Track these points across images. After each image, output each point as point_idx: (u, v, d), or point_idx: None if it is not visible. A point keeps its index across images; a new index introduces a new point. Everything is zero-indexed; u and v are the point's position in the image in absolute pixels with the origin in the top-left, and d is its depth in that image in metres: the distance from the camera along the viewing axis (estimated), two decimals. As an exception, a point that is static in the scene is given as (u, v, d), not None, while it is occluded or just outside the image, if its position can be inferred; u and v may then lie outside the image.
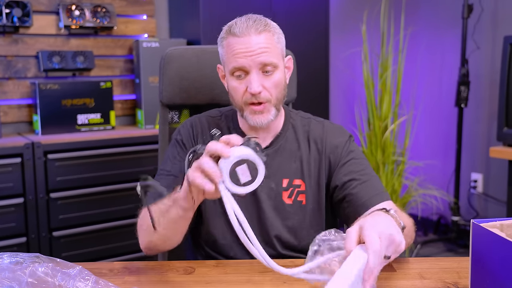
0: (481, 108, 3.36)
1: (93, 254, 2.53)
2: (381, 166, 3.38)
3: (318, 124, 1.39)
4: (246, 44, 1.23)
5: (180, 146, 1.35)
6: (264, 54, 1.23)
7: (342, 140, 1.36)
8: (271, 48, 1.24)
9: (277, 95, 1.28)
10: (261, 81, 1.24)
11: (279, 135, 1.36)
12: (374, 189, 1.28)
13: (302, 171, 1.34)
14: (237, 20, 1.26)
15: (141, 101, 2.86)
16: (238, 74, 1.25)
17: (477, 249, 0.92)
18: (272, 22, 1.29)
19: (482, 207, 3.42)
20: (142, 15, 3.07)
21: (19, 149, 2.33)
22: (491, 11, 3.25)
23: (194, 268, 1.19)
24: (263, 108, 1.26)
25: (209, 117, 1.41)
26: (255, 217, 1.32)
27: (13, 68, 2.72)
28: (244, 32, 1.23)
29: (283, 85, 1.30)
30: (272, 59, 1.24)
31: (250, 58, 1.22)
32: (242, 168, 0.96)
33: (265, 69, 1.24)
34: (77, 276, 0.97)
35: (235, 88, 1.27)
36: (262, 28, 1.24)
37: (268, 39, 1.24)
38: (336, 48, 3.68)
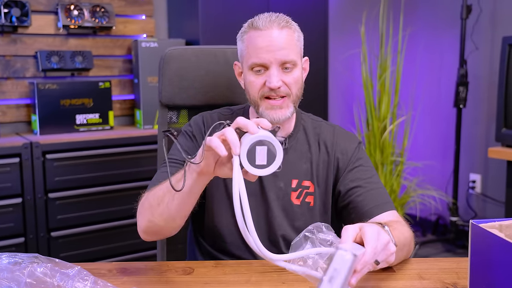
0: (479, 109, 3.37)
1: (91, 254, 2.53)
2: (380, 167, 3.38)
3: (329, 128, 1.39)
4: (268, 38, 1.24)
5: (190, 138, 1.35)
6: (285, 50, 1.24)
7: (352, 146, 1.36)
8: (291, 45, 1.26)
9: (296, 92, 1.28)
10: (280, 77, 1.24)
11: (291, 136, 1.36)
12: (379, 198, 1.28)
13: (311, 172, 1.34)
14: (260, 15, 1.28)
15: (139, 101, 2.86)
16: (258, 70, 1.26)
17: (476, 250, 0.92)
18: (293, 21, 1.31)
19: (480, 207, 3.43)
20: (141, 15, 3.07)
21: (18, 149, 2.33)
22: (489, 12, 3.26)
23: (193, 268, 1.18)
24: (282, 102, 1.26)
25: (221, 114, 1.40)
26: (263, 215, 1.32)
27: (11, 68, 2.72)
28: (267, 25, 1.25)
29: (301, 83, 1.31)
30: (292, 57, 1.25)
31: (271, 53, 1.23)
32: (262, 150, 0.96)
33: (285, 66, 1.25)
34: (75, 276, 0.97)
35: (252, 82, 1.27)
36: (284, 23, 1.27)
37: (289, 36, 1.26)
38: (335, 49, 3.68)
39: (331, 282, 0.82)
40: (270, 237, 1.32)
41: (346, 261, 0.83)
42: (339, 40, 3.73)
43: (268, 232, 1.32)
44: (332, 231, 0.98)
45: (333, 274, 0.82)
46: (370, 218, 1.25)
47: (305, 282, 1.10)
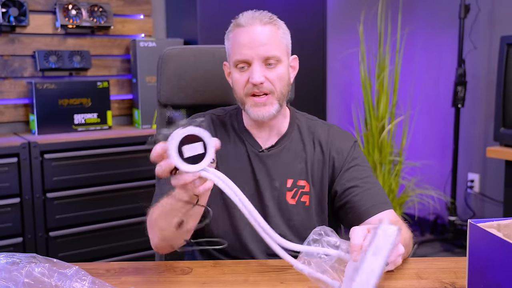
0: (478, 108, 3.37)
1: (90, 254, 2.53)
2: (378, 166, 3.38)
3: (324, 127, 1.39)
4: (250, 34, 1.24)
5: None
6: (267, 46, 1.24)
7: (348, 145, 1.35)
8: (275, 41, 1.26)
9: (281, 89, 1.28)
10: (263, 72, 1.24)
11: (285, 135, 1.36)
12: (376, 198, 1.28)
13: (306, 172, 1.34)
14: (244, 13, 1.29)
15: (138, 101, 2.86)
16: (242, 66, 1.26)
17: (474, 249, 0.92)
18: (278, 19, 1.31)
19: (478, 207, 3.43)
20: (139, 15, 3.07)
21: (16, 149, 2.32)
22: (488, 11, 3.26)
23: (191, 268, 1.18)
24: (266, 99, 1.26)
25: (214, 115, 1.41)
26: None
27: (9, 68, 2.71)
28: (249, 22, 1.25)
29: (287, 80, 1.30)
30: (275, 52, 1.25)
31: (253, 49, 1.23)
32: (192, 147, 0.91)
33: (268, 62, 1.25)
34: (73, 276, 0.97)
35: (237, 80, 1.28)
36: (267, 20, 1.27)
37: (272, 32, 1.26)
38: (333, 49, 3.68)
39: (376, 255, 0.81)
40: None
41: (391, 234, 0.82)
42: (338, 39, 3.73)
43: None
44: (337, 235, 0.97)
45: (377, 248, 0.81)
46: (367, 218, 1.25)
47: (304, 281, 1.10)
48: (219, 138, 1.35)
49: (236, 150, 1.35)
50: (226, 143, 1.36)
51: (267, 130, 1.35)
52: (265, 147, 1.35)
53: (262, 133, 1.35)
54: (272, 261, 1.23)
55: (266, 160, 1.34)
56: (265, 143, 1.35)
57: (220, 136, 1.36)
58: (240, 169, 1.32)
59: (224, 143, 1.35)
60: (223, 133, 1.37)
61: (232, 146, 1.36)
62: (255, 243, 1.32)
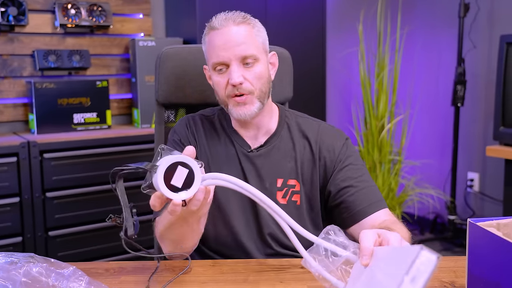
0: (477, 107, 3.37)
1: (89, 253, 2.53)
2: (378, 165, 3.38)
3: (314, 124, 1.38)
4: (225, 36, 1.24)
5: (179, 145, 1.35)
6: (242, 46, 1.23)
7: (339, 143, 1.34)
8: (250, 40, 1.25)
9: (260, 87, 1.27)
10: (241, 72, 1.24)
11: (274, 134, 1.35)
12: (371, 197, 1.27)
13: (296, 171, 1.33)
14: (217, 15, 1.29)
15: (137, 100, 2.86)
16: (220, 68, 1.26)
17: (473, 249, 0.92)
18: (252, 17, 1.31)
19: (478, 206, 3.43)
20: (138, 14, 3.06)
21: (15, 148, 2.32)
22: (487, 10, 3.26)
23: (190, 267, 1.18)
24: (245, 99, 1.26)
25: (203, 116, 1.41)
26: (251, 217, 1.32)
27: (8, 67, 2.71)
28: (223, 23, 1.25)
29: (266, 78, 1.29)
30: (251, 51, 1.25)
31: (229, 50, 1.23)
32: (178, 174, 0.93)
33: (246, 61, 1.25)
34: (70, 276, 0.97)
35: (218, 82, 1.28)
36: (240, 19, 1.26)
37: (247, 31, 1.26)
38: (333, 48, 3.68)
39: (413, 282, 0.77)
40: (260, 237, 1.32)
41: (431, 262, 0.78)
42: (337, 38, 3.73)
43: (258, 232, 1.32)
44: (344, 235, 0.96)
45: (416, 274, 0.78)
46: (363, 218, 1.25)
47: (303, 281, 1.10)
48: (209, 138, 1.36)
49: (226, 150, 1.35)
50: (216, 143, 1.35)
51: (255, 129, 1.34)
52: (254, 147, 1.34)
53: (249, 132, 1.35)
54: (271, 260, 1.23)
55: (255, 160, 1.33)
56: (254, 143, 1.35)
57: (210, 137, 1.36)
58: (230, 170, 1.31)
59: (214, 143, 1.35)
60: (213, 134, 1.37)
61: (222, 147, 1.36)
62: (251, 242, 1.31)
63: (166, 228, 1.16)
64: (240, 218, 1.31)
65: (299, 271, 1.15)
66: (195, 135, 1.36)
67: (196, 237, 1.19)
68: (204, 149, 1.35)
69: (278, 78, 1.59)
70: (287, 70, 1.62)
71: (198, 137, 1.36)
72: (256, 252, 1.32)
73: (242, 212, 1.32)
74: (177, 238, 1.18)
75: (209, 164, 1.33)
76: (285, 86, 1.62)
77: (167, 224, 1.15)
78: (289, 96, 1.64)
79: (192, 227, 1.14)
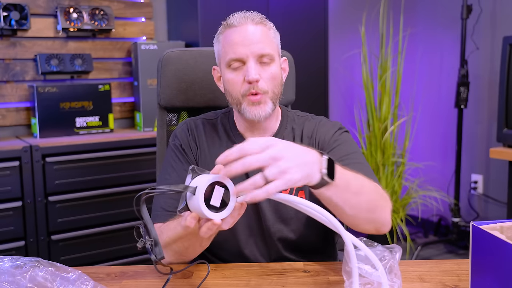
0: (480, 109, 3.36)
1: (92, 257, 2.52)
2: (381, 168, 3.37)
3: (313, 121, 1.37)
4: (243, 33, 1.23)
5: (180, 151, 1.34)
6: (260, 44, 1.23)
7: (331, 131, 1.33)
8: (267, 40, 1.26)
9: (274, 89, 1.26)
10: (258, 70, 1.23)
11: (276, 135, 1.34)
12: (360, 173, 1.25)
13: None
14: (234, 14, 1.28)
15: (139, 103, 2.86)
16: (236, 66, 1.25)
17: (477, 252, 0.91)
18: (268, 20, 1.31)
19: (482, 208, 3.42)
20: (141, 18, 3.07)
21: (17, 153, 2.33)
22: (490, 12, 3.25)
23: (192, 272, 1.18)
24: (260, 98, 1.24)
25: (205, 120, 1.39)
26: (255, 220, 1.31)
27: (11, 71, 2.71)
28: (241, 21, 1.25)
29: (280, 80, 1.29)
30: (269, 50, 1.24)
31: (247, 47, 1.22)
32: (215, 194, 0.94)
33: (262, 60, 1.24)
34: (76, 281, 0.97)
35: (232, 80, 1.26)
36: (258, 20, 1.26)
37: (264, 32, 1.26)
38: (335, 50, 3.68)
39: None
40: (267, 241, 1.31)
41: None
42: (339, 40, 3.72)
43: (264, 236, 1.31)
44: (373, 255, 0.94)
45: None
46: None
47: (305, 285, 1.09)
48: (210, 143, 1.34)
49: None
50: (218, 148, 1.34)
51: (261, 132, 1.33)
52: None
53: (254, 134, 1.33)
54: (273, 264, 1.23)
55: None
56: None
57: (212, 141, 1.35)
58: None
59: (215, 148, 1.34)
60: (214, 138, 1.36)
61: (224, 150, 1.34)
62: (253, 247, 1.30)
63: (173, 240, 1.14)
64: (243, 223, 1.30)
65: (302, 275, 1.14)
66: (196, 139, 1.35)
67: (201, 250, 1.17)
68: (205, 154, 1.34)
69: (279, 81, 1.59)
70: (290, 73, 1.61)
71: (199, 142, 1.35)
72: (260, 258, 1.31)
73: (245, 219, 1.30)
74: (181, 250, 1.16)
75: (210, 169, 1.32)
76: (288, 89, 1.61)
77: (175, 236, 1.13)
78: (291, 99, 1.64)
79: (201, 243, 1.12)
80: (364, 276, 0.89)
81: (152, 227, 0.96)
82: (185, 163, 1.32)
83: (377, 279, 0.89)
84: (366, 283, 0.89)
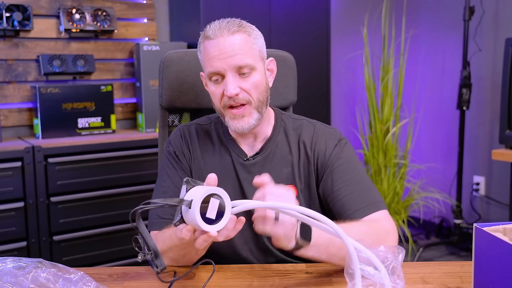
0: (483, 111, 3.35)
1: (93, 258, 2.52)
2: (383, 169, 3.37)
3: (310, 126, 1.34)
4: (219, 46, 1.21)
5: (173, 158, 1.34)
6: (238, 56, 1.20)
7: (330, 144, 1.30)
8: (246, 49, 1.22)
9: (258, 97, 1.24)
10: (237, 83, 1.21)
11: (269, 140, 1.33)
12: (360, 201, 1.22)
13: (293, 175, 1.30)
14: (212, 23, 1.25)
15: (141, 104, 2.86)
16: (216, 79, 1.23)
17: (480, 254, 0.91)
18: (248, 24, 1.27)
19: (484, 210, 3.41)
20: (143, 19, 3.07)
21: (20, 153, 2.33)
22: (492, 13, 3.25)
23: (194, 273, 1.18)
24: (243, 110, 1.23)
25: (198, 125, 1.38)
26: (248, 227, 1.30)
27: (13, 72, 2.72)
28: (217, 33, 1.22)
29: (264, 87, 1.26)
30: (247, 61, 1.21)
31: (224, 61, 1.20)
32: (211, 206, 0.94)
33: (241, 71, 1.22)
34: (78, 282, 0.96)
35: (213, 92, 1.25)
36: (235, 28, 1.23)
37: (242, 40, 1.22)
38: (337, 51, 3.68)
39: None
40: (261, 246, 1.30)
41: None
42: (341, 42, 3.72)
43: (258, 242, 1.30)
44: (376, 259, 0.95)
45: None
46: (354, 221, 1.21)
47: (307, 286, 1.09)
48: (204, 148, 1.34)
49: (221, 161, 1.33)
50: (211, 154, 1.33)
51: (252, 137, 1.32)
52: (250, 155, 1.32)
53: (247, 140, 1.33)
54: (275, 265, 1.23)
55: (251, 168, 1.30)
56: (250, 150, 1.33)
57: (205, 148, 1.35)
58: (225, 181, 1.29)
59: (208, 154, 1.33)
60: (208, 145, 1.35)
61: (217, 157, 1.34)
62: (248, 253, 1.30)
63: (169, 248, 1.15)
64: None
65: (304, 277, 1.14)
66: (190, 146, 1.35)
67: (197, 258, 1.18)
68: (198, 160, 1.33)
69: (282, 83, 1.59)
70: (292, 74, 1.61)
71: (193, 148, 1.34)
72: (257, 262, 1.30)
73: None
74: (178, 258, 1.17)
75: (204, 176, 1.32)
76: (290, 90, 1.61)
77: (171, 244, 1.14)
78: (293, 100, 1.64)
79: (197, 251, 1.13)
80: (367, 278, 0.89)
81: (151, 239, 0.97)
82: (179, 170, 1.32)
83: (380, 281, 0.89)
84: (368, 284, 0.89)
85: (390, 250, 0.92)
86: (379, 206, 1.23)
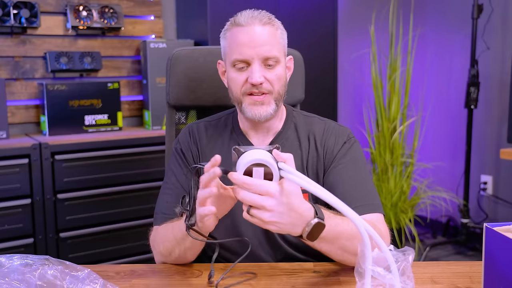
0: (491, 109, 3.33)
1: (100, 255, 2.53)
2: (390, 168, 3.35)
3: (321, 123, 1.36)
4: (250, 33, 1.22)
5: (180, 156, 1.35)
6: (266, 46, 1.22)
7: (339, 141, 1.32)
8: (274, 41, 1.24)
9: (279, 89, 1.26)
10: (262, 73, 1.23)
11: (279, 134, 1.34)
12: (359, 200, 1.22)
13: (303, 169, 1.31)
14: (242, 12, 1.27)
15: (148, 102, 2.86)
16: (241, 66, 1.24)
17: (490, 254, 0.90)
18: (276, 19, 1.29)
19: (492, 209, 3.39)
20: (150, 16, 3.07)
21: (27, 150, 2.33)
22: (501, 11, 3.22)
23: (201, 271, 1.17)
24: (264, 98, 1.24)
25: (207, 122, 1.40)
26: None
27: (20, 69, 2.72)
28: (249, 21, 1.23)
29: (284, 81, 1.28)
30: (274, 53, 1.23)
31: (254, 49, 1.22)
32: (258, 171, 0.97)
33: (267, 63, 1.23)
34: (85, 279, 0.96)
35: (235, 78, 1.26)
36: (266, 20, 1.25)
37: (271, 33, 1.24)
38: (344, 49, 3.66)
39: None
40: (271, 241, 1.29)
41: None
42: (349, 40, 3.70)
43: (268, 236, 1.29)
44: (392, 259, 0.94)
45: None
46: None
47: (315, 285, 1.08)
48: (213, 144, 1.35)
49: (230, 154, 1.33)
50: (220, 150, 1.33)
51: (264, 132, 1.33)
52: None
53: (259, 133, 1.33)
54: (283, 264, 1.22)
55: None
56: (260, 144, 1.33)
57: (214, 144, 1.35)
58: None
59: (217, 150, 1.33)
60: (217, 140, 1.36)
61: (226, 150, 1.33)
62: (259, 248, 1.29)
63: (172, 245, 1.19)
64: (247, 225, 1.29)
65: (312, 276, 1.14)
66: (198, 143, 1.36)
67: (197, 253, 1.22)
68: (207, 156, 1.34)
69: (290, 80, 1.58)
70: (299, 72, 1.60)
71: (201, 145, 1.35)
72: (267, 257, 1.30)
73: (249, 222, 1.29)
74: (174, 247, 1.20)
75: None
76: (297, 88, 1.61)
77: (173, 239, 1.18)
78: (301, 98, 1.63)
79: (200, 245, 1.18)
80: (376, 278, 0.88)
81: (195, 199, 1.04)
82: (184, 167, 1.33)
83: (389, 281, 0.88)
84: (378, 284, 0.88)
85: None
86: (377, 208, 1.24)
